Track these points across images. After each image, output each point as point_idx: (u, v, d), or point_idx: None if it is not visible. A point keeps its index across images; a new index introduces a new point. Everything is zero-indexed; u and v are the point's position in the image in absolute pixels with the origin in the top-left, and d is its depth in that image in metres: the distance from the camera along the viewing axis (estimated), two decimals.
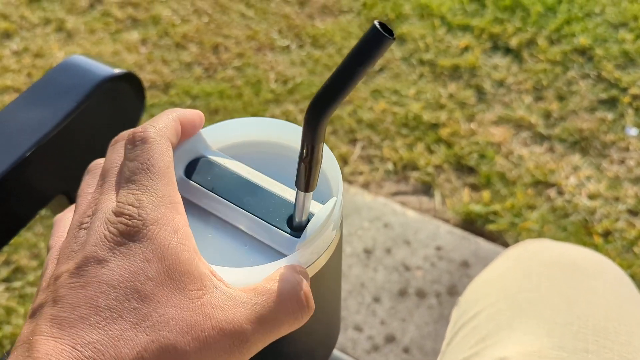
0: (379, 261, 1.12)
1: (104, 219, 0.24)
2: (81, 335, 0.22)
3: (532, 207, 1.21)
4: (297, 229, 0.28)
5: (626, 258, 1.12)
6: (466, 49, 1.56)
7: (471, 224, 1.20)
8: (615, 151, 1.31)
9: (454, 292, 1.07)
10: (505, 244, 1.16)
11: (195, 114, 0.30)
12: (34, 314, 0.24)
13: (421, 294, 1.07)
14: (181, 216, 0.25)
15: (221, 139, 0.33)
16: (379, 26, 0.21)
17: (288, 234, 0.28)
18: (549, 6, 1.65)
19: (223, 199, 0.29)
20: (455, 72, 1.50)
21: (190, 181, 0.30)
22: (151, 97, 1.47)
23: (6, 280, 1.11)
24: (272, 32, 1.66)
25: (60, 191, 0.49)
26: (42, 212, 0.50)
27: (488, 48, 1.56)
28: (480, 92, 1.46)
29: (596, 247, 1.14)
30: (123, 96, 0.49)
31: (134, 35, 1.66)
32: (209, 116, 1.42)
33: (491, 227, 1.18)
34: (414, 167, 1.30)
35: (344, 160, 1.32)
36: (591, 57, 1.51)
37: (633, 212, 1.20)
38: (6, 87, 1.51)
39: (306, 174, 0.25)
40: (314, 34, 1.63)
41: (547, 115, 1.39)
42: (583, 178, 1.26)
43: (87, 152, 0.49)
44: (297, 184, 0.26)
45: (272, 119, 0.32)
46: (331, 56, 1.57)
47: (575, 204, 1.21)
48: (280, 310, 0.24)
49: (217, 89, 1.49)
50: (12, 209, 0.46)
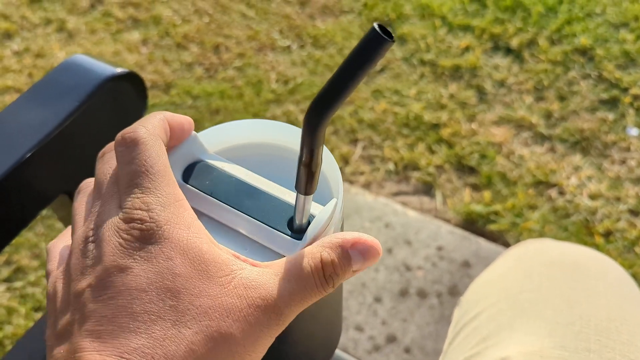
0: (380, 261, 1.12)
1: (114, 228, 0.24)
2: (125, 344, 0.22)
3: (533, 207, 1.21)
4: (297, 231, 0.28)
5: (627, 258, 1.12)
6: (467, 49, 1.56)
7: (472, 224, 1.20)
8: (616, 151, 1.31)
9: (455, 292, 1.07)
10: (507, 244, 1.16)
11: (184, 119, 0.29)
12: (62, 335, 0.23)
13: (422, 294, 1.07)
14: (189, 212, 0.25)
15: (218, 142, 0.32)
16: (378, 28, 0.21)
17: (289, 237, 0.27)
18: (550, 6, 1.65)
19: (222, 203, 0.29)
20: (456, 73, 1.50)
21: (188, 185, 0.30)
22: (152, 97, 1.48)
23: (7, 280, 1.12)
24: (273, 32, 1.66)
25: (62, 191, 0.49)
26: (44, 212, 0.50)
27: (489, 48, 1.56)
28: (481, 92, 1.46)
29: (597, 247, 1.14)
30: (125, 96, 0.49)
31: (134, 36, 1.66)
32: (209, 116, 1.42)
33: (492, 227, 1.18)
34: (415, 167, 1.30)
35: (345, 160, 1.32)
36: (592, 57, 1.51)
37: (634, 212, 1.20)
38: (7, 88, 1.51)
39: (306, 177, 0.25)
40: (315, 34, 1.63)
41: (548, 115, 1.39)
42: (584, 178, 1.26)
43: (89, 152, 0.49)
44: (297, 187, 0.26)
45: (269, 121, 0.32)
46: (332, 56, 1.57)
47: (577, 204, 1.21)
48: (307, 284, 0.25)
49: (218, 89, 1.49)
50: (14, 209, 0.46)
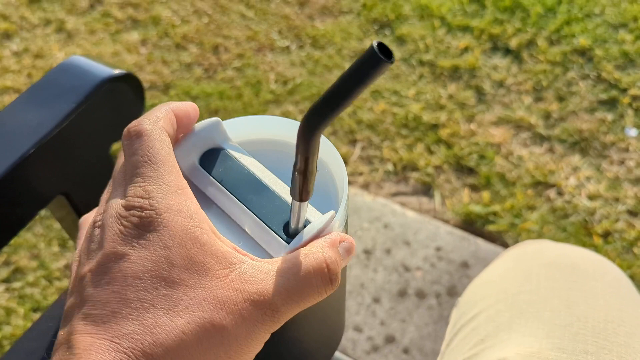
0: (378, 262, 1.12)
1: (115, 215, 0.25)
2: (116, 329, 0.22)
3: (531, 208, 1.21)
4: (291, 235, 0.28)
5: (626, 259, 1.12)
6: (466, 49, 1.56)
7: (471, 224, 1.20)
8: (615, 152, 1.31)
9: (453, 292, 1.07)
10: (505, 245, 1.16)
11: (189, 106, 0.30)
12: (65, 319, 0.24)
13: (421, 295, 1.07)
14: (192, 200, 0.25)
15: (242, 133, 0.33)
16: (377, 48, 0.20)
17: (280, 238, 0.28)
18: (549, 7, 1.65)
19: (228, 192, 0.29)
20: (455, 73, 1.50)
21: (202, 169, 0.30)
22: (151, 97, 1.47)
23: (6, 281, 1.11)
24: (272, 33, 1.66)
25: (60, 192, 0.49)
26: (42, 212, 0.50)
27: (488, 49, 1.56)
28: (480, 92, 1.46)
29: (596, 247, 1.14)
30: (123, 97, 0.49)
31: (134, 36, 1.66)
32: (208, 117, 1.42)
33: (491, 227, 1.18)
34: (414, 167, 1.30)
35: (344, 160, 1.32)
36: (591, 58, 1.51)
37: (633, 213, 1.20)
38: (6, 88, 1.51)
39: (300, 184, 0.25)
40: (314, 34, 1.63)
41: (547, 115, 1.39)
42: (583, 179, 1.26)
43: (86, 153, 0.49)
44: (291, 193, 0.26)
45: (296, 121, 0.32)
46: (331, 57, 1.57)
47: (575, 204, 1.21)
48: (306, 284, 0.25)
49: (217, 89, 1.49)
50: (12, 210, 0.46)
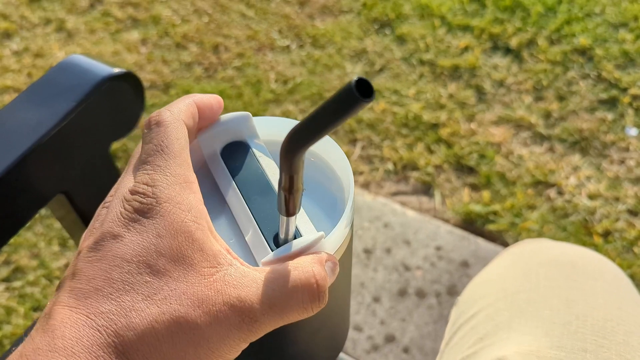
0: (378, 261, 1.12)
1: (121, 198, 0.25)
2: (95, 306, 0.23)
3: (532, 207, 1.21)
4: (280, 245, 0.28)
5: (626, 258, 1.12)
6: (466, 49, 1.56)
7: (471, 224, 1.20)
8: (615, 151, 1.31)
9: (453, 292, 1.07)
10: (505, 244, 1.16)
11: (213, 98, 0.30)
12: (58, 287, 0.25)
13: (421, 294, 1.07)
14: (195, 195, 0.26)
15: (272, 132, 0.33)
16: (354, 85, 0.19)
17: (267, 244, 0.28)
18: (549, 6, 1.65)
19: (237, 187, 0.30)
20: (455, 72, 1.50)
21: (220, 158, 0.31)
22: (151, 97, 1.48)
23: (6, 280, 1.12)
24: (272, 32, 1.66)
25: (60, 190, 0.49)
26: (42, 211, 0.50)
27: (488, 48, 1.56)
28: (480, 92, 1.46)
29: (596, 247, 1.14)
30: (122, 95, 0.49)
31: (134, 35, 1.66)
32: None
33: (491, 227, 1.18)
34: (414, 167, 1.30)
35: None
36: (591, 57, 1.51)
37: (633, 212, 1.20)
38: (6, 87, 1.51)
39: (286, 200, 0.25)
40: (314, 34, 1.63)
41: (547, 115, 1.39)
42: (583, 178, 1.26)
43: (86, 152, 0.49)
44: (278, 208, 0.26)
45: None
46: (331, 56, 1.57)
47: (575, 204, 1.21)
48: (292, 298, 0.24)
49: (217, 89, 1.49)
50: (12, 208, 0.46)
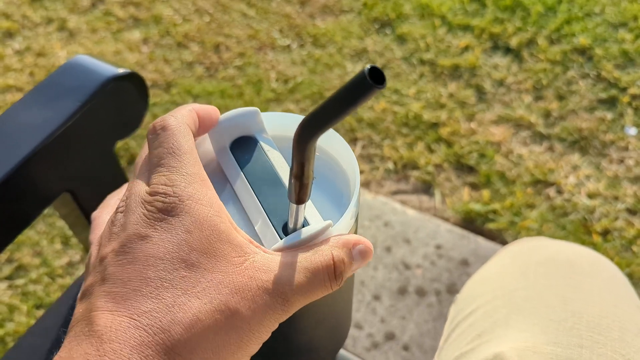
0: (379, 260, 1.13)
1: (140, 200, 0.26)
2: (136, 306, 0.23)
3: (531, 206, 1.22)
4: (288, 234, 0.29)
5: (625, 257, 1.13)
6: (466, 48, 1.57)
7: (471, 222, 1.20)
8: (614, 150, 1.32)
9: (453, 290, 1.08)
10: (505, 243, 1.17)
11: (211, 108, 0.32)
12: (84, 295, 0.25)
13: (421, 292, 1.08)
14: (212, 191, 0.27)
15: (279, 127, 0.34)
16: (368, 73, 0.20)
17: (276, 233, 0.29)
18: (549, 6, 1.66)
19: (246, 180, 0.31)
20: (455, 72, 1.51)
21: (230, 153, 0.32)
22: (153, 96, 1.48)
23: (9, 278, 1.12)
24: (273, 32, 1.66)
25: (65, 189, 0.49)
26: (45, 210, 0.50)
27: (488, 48, 1.57)
28: (480, 91, 1.46)
29: (595, 245, 1.15)
30: (127, 96, 0.49)
31: (135, 35, 1.66)
32: None
33: (491, 225, 1.19)
34: (414, 166, 1.31)
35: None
36: (591, 57, 1.52)
37: (632, 211, 1.20)
38: (9, 86, 1.51)
39: (296, 188, 0.26)
40: (315, 33, 1.64)
41: (547, 114, 1.39)
42: (582, 177, 1.26)
43: (91, 151, 0.50)
44: (289, 196, 0.27)
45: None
46: (332, 55, 1.58)
47: (575, 203, 1.22)
48: (314, 279, 0.26)
49: (218, 88, 1.49)
50: (18, 207, 0.47)
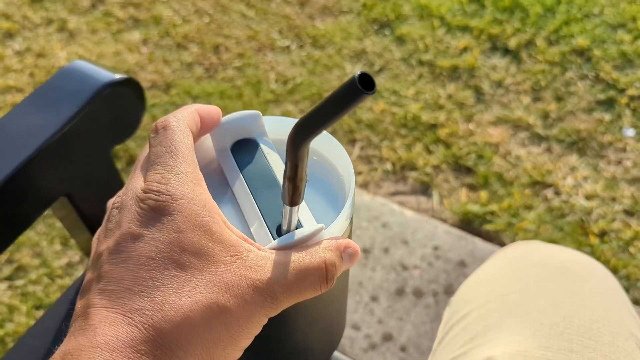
0: (376, 261, 1.13)
1: (134, 197, 0.26)
2: (129, 304, 0.24)
3: (529, 208, 1.22)
4: (281, 235, 0.29)
5: (622, 258, 1.13)
6: (465, 49, 1.57)
7: (468, 224, 1.21)
8: (612, 152, 1.32)
9: (450, 291, 1.08)
10: (502, 244, 1.17)
11: (212, 109, 0.32)
12: (83, 292, 0.26)
13: (418, 293, 1.08)
14: (205, 191, 0.27)
15: (280, 131, 0.35)
16: (358, 79, 0.21)
17: (270, 233, 0.29)
18: (548, 7, 1.66)
19: (244, 181, 0.31)
20: (454, 73, 1.51)
21: (230, 153, 0.33)
22: (152, 97, 1.49)
23: (9, 278, 1.13)
24: (272, 33, 1.67)
25: (63, 193, 0.50)
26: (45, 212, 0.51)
27: (487, 49, 1.57)
28: (478, 92, 1.46)
29: (592, 247, 1.15)
30: (123, 100, 0.50)
31: (135, 36, 1.67)
32: None
33: (488, 227, 1.19)
34: (413, 167, 1.31)
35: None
36: (589, 58, 1.52)
37: (629, 213, 1.21)
38: (9, 87, 1.52)
39: (289, 190, 0.27)
40: (314, 34, 1.64)
41: (545, 115, 1.40)
42: (580, 178, 1.27)
43: (89, 155, 0.50)
44: (282, 198, 0.28)
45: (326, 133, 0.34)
46: (331, 56, 1.58)
47: (572, 204, 1.22)
48: (305, 280, 0.27)
49: (217, 89, 1.50)
50: (16, 210, 0.47)
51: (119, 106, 0.49)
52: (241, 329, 0.25)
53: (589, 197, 1.23)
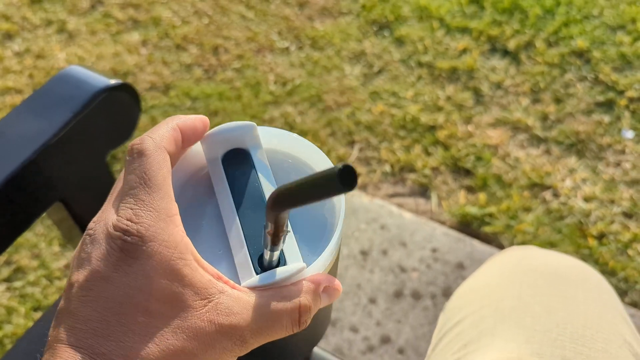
0: (375, 263, 1.13)
1: (105, 232, 0.26)
2: (96, 347, 0.24)
3: (527, 210, 1.22)
4: (263, 266, 0.29)
5: (620, 260, 1.13)
6: (464, 51, 1.57)
7: (467, 226, 1.21)
8: (611, 154, 1.32)
9: (449, 293, 1.08)
10: (501, 246, 1.17)
11: (197, 120, 0.30)
12: (56, 318, 0.25)
13: (416, 296, 1.08)
14: (179, 229, 0.26)
15: (276, 143, 0.34)
16: (338, 174, 0.20)
17: (252, 265, 0.28)
18: (547, 9, 1.66)
19: (231, 197, 0.30)
20: (453, 74, 1.51)
21: (221, 165, 0.32)
22: (151, 98, 1.49)
23: (7, 280, 1.13)
24: (271, 34, 1.67)
25: (58, 198, 0.50)
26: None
27: (486, 50, 1.57)
28: (477, 94, 1.46)
29: (590, 249, 1.15)
30: (119, 105, 0.50)
31: (134, 37, 1.67)
32: (208, 118, 1.43)
33: (487, 229, 1.19)
34: (411, 169, 1.31)
35: (342, 161, 1.33)
36: (588, 60, 1.52)
37: (628, 215, 1.21)
38: (8, 89, 1.52)
39: (270, 240, 0.27)
40: (313, 35, 1.64)
41: (544, 117, 1.40)
42: (579, 180, 1.27)
43: (84, 161, 0.51)
44: (263, 244, 0.27)
45: (315, 146, 0.33)
46: (330, 58, 1.58)
47: (571, 206, 1.22)
48: (276, 324, 0.26)
49: (216, 90, 1.50)
50: (12, 215, 0.47)
51: (114, 111, 0.49)
52: None
53: (587, 199, 1.23)
